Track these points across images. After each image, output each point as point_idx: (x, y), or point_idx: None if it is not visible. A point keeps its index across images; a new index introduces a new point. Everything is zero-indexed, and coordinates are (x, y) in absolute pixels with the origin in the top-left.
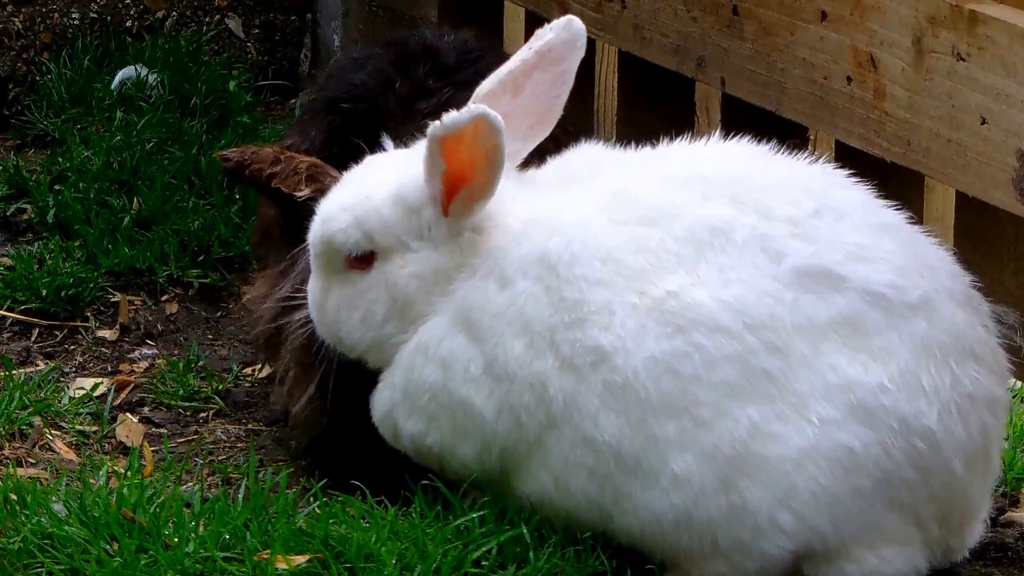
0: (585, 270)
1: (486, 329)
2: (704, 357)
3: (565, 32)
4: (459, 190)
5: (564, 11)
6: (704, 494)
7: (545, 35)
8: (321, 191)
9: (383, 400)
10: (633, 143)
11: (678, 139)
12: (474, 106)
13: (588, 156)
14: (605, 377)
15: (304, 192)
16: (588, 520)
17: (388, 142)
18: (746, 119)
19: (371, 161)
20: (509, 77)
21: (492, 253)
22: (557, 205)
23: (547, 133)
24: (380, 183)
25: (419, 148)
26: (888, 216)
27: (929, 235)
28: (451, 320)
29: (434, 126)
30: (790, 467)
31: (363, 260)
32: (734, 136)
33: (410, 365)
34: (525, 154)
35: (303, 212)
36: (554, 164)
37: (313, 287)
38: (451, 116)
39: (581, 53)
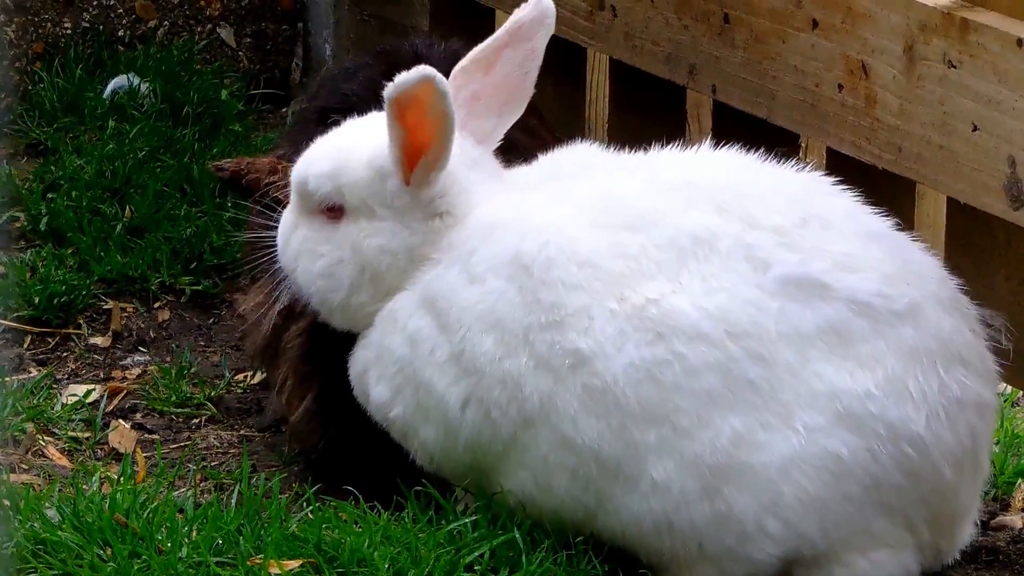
0: (561, 273)
1: (453, 320)
2: (685, 365)
3: (535, 10)
4: (419, 160)
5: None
6: (686, 501)
7: (517, 13)
8: None
9: (359, 359)
10: (624, 151)
11: (668, 146)
12: (422, 67)
13: (577, 156)
14: (584, 380)
15: None
16: (573, 519)
17: None
18: (737, 126)
19: (372, 116)
20: (481, 55)
21: (456, 246)
22: (532, 204)
23: (520, 112)
24: (365, 142)
25: None
26: (875, 224)
27: (916, 241)
28: (419, 300)
29: (387, 87)
30: (775, 474)
31: (334, 211)
32: (725, 144)
33: (383, 330)
34: (501, 132)
35: None
36: (543, 161)
37: (285, 218)
38: (401, 76)
39: (550, 31)
